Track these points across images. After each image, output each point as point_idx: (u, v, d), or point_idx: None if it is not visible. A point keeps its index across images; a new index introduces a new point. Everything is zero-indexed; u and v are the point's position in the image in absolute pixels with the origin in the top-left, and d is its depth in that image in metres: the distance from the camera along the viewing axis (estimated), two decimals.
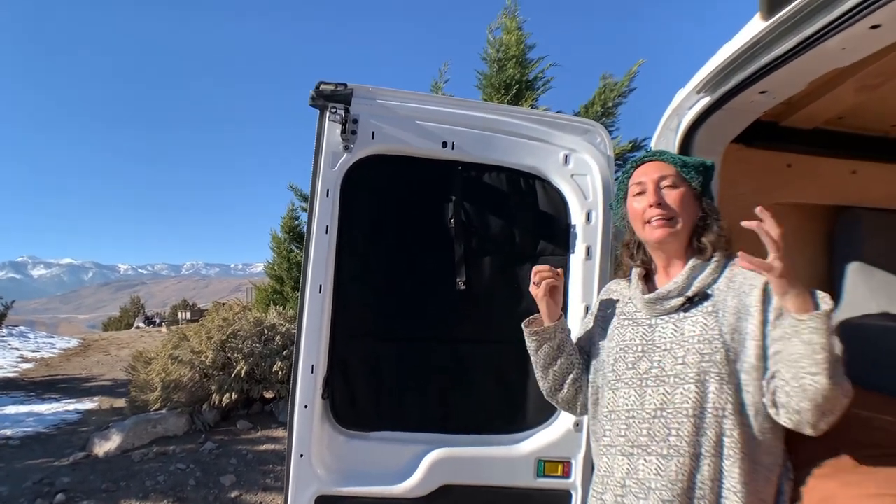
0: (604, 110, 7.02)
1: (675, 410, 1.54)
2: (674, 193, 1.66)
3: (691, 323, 1.58)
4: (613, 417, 1.68)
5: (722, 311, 1.56)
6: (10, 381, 11.09)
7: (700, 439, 1.51)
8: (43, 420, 7.73)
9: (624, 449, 1.63)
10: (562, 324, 1.85)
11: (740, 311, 1.54)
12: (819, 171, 2.66)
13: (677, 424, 1.54)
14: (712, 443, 1.50)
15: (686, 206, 1.66)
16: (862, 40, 1.53)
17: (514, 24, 7.13)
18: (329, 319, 2.23)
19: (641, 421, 1.60)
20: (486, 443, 2.32)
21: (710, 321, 1.55)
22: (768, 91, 1.89)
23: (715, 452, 1.50)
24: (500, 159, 2.35)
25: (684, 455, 1.51)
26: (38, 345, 16.83)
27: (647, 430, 1.59)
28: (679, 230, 1.65)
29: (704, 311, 1.58)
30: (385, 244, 2.34)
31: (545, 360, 1.84)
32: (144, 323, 34.90)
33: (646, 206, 1.67)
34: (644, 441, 1.59)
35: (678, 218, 1.65)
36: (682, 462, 1.51)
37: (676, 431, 1.53)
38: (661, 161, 1.72)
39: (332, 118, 2.17)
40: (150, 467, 5.69)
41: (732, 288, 1.58)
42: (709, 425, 1.51)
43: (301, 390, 2.17)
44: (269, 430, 6.99)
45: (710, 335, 1.53)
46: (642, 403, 1.61)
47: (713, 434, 1.50)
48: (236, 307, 8.26)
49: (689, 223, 1.67)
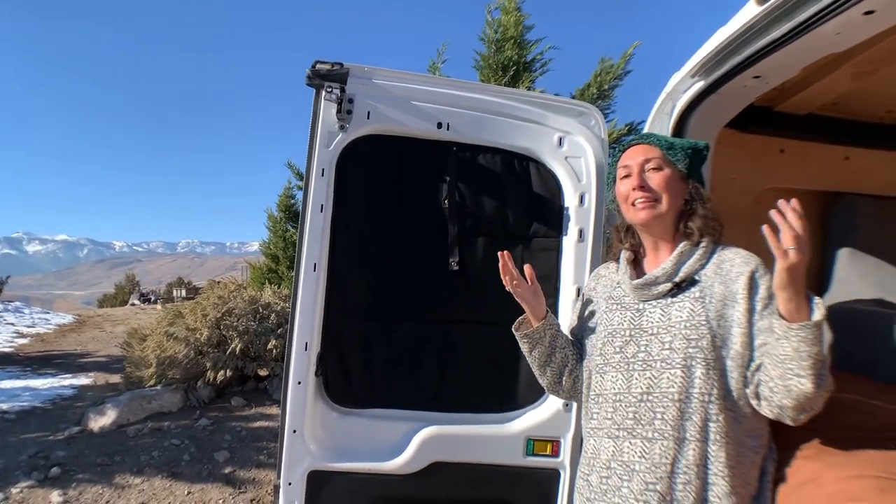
0: (600, 93, 7.01)
1: (661, 395, 1.56)
2: (657, 176, 1.67)
3: (678, 308, 1.60)
4: (601, 401, 1.71)
5: (709, 297, 1.57)
6: (6, 356, 11.10)
7: (685, 423, 1.53)
8: (38, 395, 7.76)
9: (610, 431, 1.66)
10: (549, 320, 1.86)
11: (727, 297, 1.55)
12: (812, 157, 2.67)
13: (662, 408, 1.56)
14: (697, 427, 1.52)
15: (671, 188, 1.67)
16: (856, 26, 1.53)
17: (513, 5, 7.08)
18: (323, 298, 2.25)
19: (628, 405, 1.62)
20: (477, 421, 2.35)
21: (696, 307, 1.57)
22: (762, 76, 1.89)
23: (700, 437, 1.52)
24: (495, 141, 2.36)
25: (668, 439, 1.54)
26: (34, 320, 16.82)
27: (633, 413, 1.61)
28: (663, 212, 1.66)
29: (692, 297, 1.59)
30: (379, 224, 2.35)
31: (540, 359, 1.87)
32: (139, 300, 34.90)
33: (629, 188, 1.69)
34: (630, 424, 1.61)
35: (661, 200, 1.65)
36: (665, 445, 1.54)
37: (662, 415, 1.56)
38: (647, 144, 1.72)
39: (328, 97, 2.17)
40: (144, 442, 5.73)
41: (720, 274, 1.59)
42: (694, 410, 1.53)
43: (295, 367, 2.20)
44: (263, 408, 7.04)
45: (697, 321, 1.55)
46: (629, 387, 1.63)
47: (698, 419, 1.52)
48: (231, 285, 8.27)
49: (674, 205, 1.68)
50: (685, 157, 1.69)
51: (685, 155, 1.69)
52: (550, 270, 2.38)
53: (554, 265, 2.38)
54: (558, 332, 1.88)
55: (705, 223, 1.67)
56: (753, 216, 2.62)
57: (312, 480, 2.26)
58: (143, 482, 4.93)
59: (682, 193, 1.69)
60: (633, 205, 1.68)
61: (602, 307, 1.80)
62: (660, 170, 1.68)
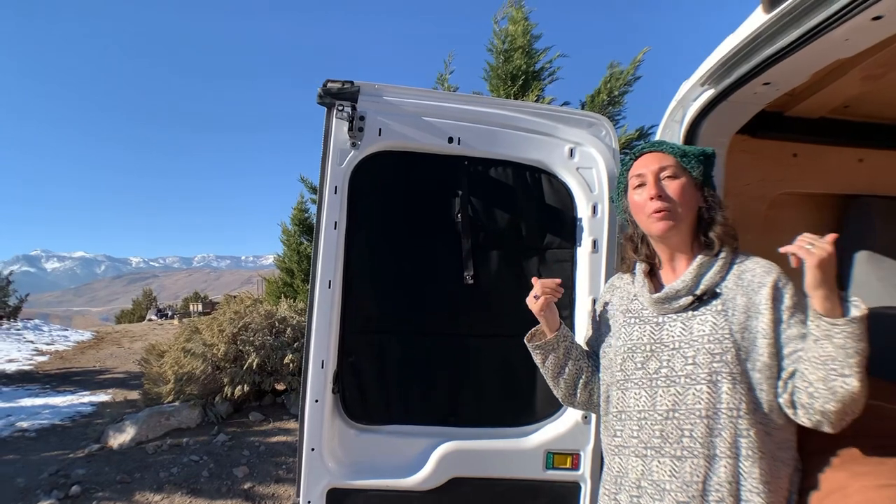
0: (610, 99, 7.00)
1: (688, 411, 1.53)
2: (674, 184, 1.64)
3: (700, 322, 1.57)
4: (624, 418, 1.67)
5: (731, 309, 1.54)
6: (26, 374, 11.22)
7: (714, 440, 1.50)
8: (58, 412, 7.83)
9: (637, 450, 1.62)
10: (563, 332, 1.84)
11: (750, 309, 1.53)
12: (826, 160, 2.65)
13: (690, 426, 1.53)
14: (728, 443, 1.49)
15: (687, 197, 1.64)
16: (864, 32, 1.52)
17: (521, 15, 7.11)
18: (338, 315, 2.26)
19: (654, 423, 1.59)
20: (496, 436, 2.34)
21: (719, 320, 1.54)
22: (772, 82, 1.89)
23: (731, 453, 1.48)
24: (506, 154, 2.36)
25: (698, 456, 1.51)
26: (53, 337, 16.99)
27: (659, 431, 1.58)
28: (680, 222, 1.63)
29: (714, 310, 1.56)
30: (393, 239, 2.36)
31: (553, 370, 1.85)
32: (156, 315, 35.13)
33: (646, 198, 1.65)
34: (657, 443, 1.58)
35: (679, 210, 1.62)
36: (696, 463, 1.51)
37: (689, 433, 1.53)
38: (661, 152, 1.69)
39: (340, 116, 2.19)
40: (163, 459, 5.77)
41: (741, 285, 1.56)
42: (723, 426, 1.50)
43: (312, 385, 2.21)
44: (280, 422, 7.05)
45: (721, 334, 1.52)
46: (654, 404, 1.60)
47: (728, 435, 1.49)
48: (247, 300, 8.32)
49: (691, 215, 1.65)
50: (699, 163, 1.66)
51: (698, 162, 1.66)
52: (565, 281, 2.36)
53: (569, 276, 2.37)
54: (572, 344, 1.86)
55: (724, 231, 1.64)
56: (768, 222, 2.61)
57: (332, 498, 2.26)
58: (162, 499, 4.97)
59: (697, 202, 1.67)
60: (650, 215, 1.64)
61: (620, 321, 1.77)
62: (676, 178, 1.64)
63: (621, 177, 1.79)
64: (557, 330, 1.83)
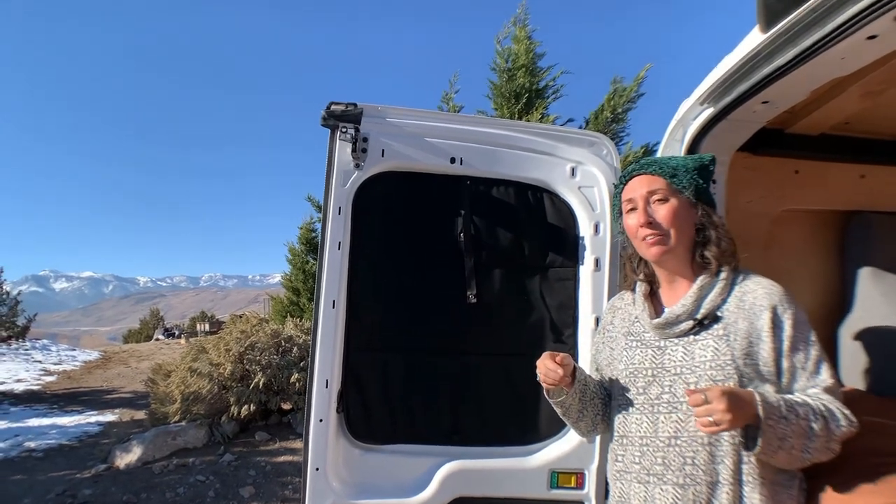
0: (613, 116, 7.03)
1: (690, 439, 1.52)
2: (664, 209, 1.61)
3: (702, 347, 1.55)
4: (626, 443, 1.66)
5: (733, 334, 1.53)
6: (34, 394, 11.26)
7: (717, 467, 1.49)
8: (65, 432, 7.85)
9: (640, 476, 1.61)
10: (577, 377, 1.75)
11: (752, 334, 1.51)
12: (827, 177, 2.65)
13: (692, 453, 1.52)
14: (730, 470, 1.48)
15: (679, 220, 1.61)
16: (860, 50, 1.53)
17: (524, 34, 7.17)
18: (343, 334, 2.27)
19: (656, 449, 1.58)
20: (500, 454, 2.34)
21: (721, 345, 1.52)
22: (770, 101, 1.90)
23: (733, 479, 1.48)
24: (508, 173, 2.38)
25: (700, 483, 1.50)
26: (61, 357, 17.06)
27: (661, 458, 1.56)
28: (673, 246, 1.60)
29: (715, 335, 1.55)
30: (396, 259, 2.37)
31: (575, 416, 1.80)
32: (164, 335, 35.18)
33: (636, 224, 1.63)
34: (659, 470, 1.56)
35: (671, 234, 1.60)
36: (699, 490, 1.50)
37: (692, 460, 1.52)
38: (650, 174, 1.66)
39: (343, 137, 2.21)
40: (170, 479, 5.76)
41: (742, 309, 1.54)
42: (725, 453, 1.49)
43: (316, 404, 2.21)
44: (287, 442, 7.04)
45: (722, 360, 1.51)
46: (656, 431, 1.59)
47: (730, 462, 1.48)
48: (254, 319, 8.34)
49: (685, 237, 1.62)
50: (691, 182, 1.62)
51: (691, 180, 1.62)
52: (568, 300, 2.38)
53: (571, 295, 2.38)
54: (587, 385, 1.79)
55: (720, 251, 1.61)
56: (770, 239, 2.61)
57: None
58: None
59: (691, 222, 1.64)
60: (642, 240, 1.63)
61: (622, 344, 1.74)
62: (665, 201, 1.61)
63: (616, 199, 1.78)
64: (573, 377, 1.74)
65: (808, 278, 2.72)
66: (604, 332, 1.88)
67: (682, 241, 1.62)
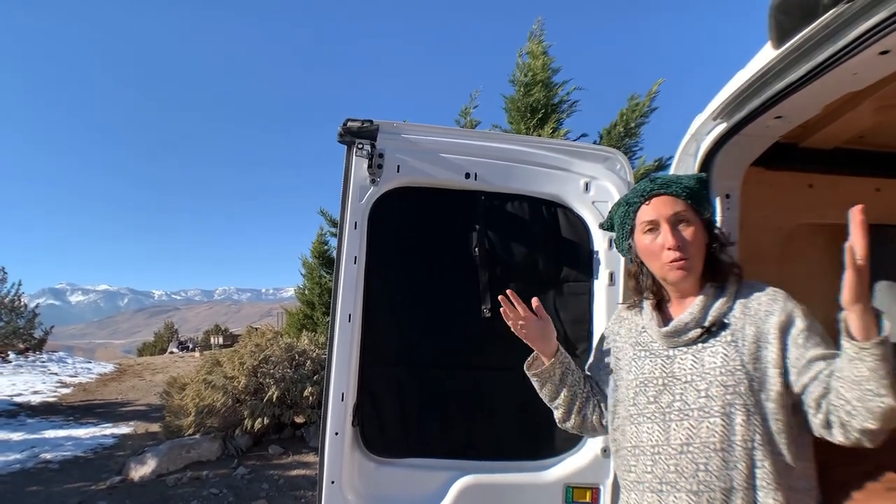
0: (626, 131, 7.04)
1: (702, 445, 1.51)
2: (689, 232, 1.61)
3: (711, 354, 1.55)
4: (638, 453, 1.65)
5: (741, 339, 1.53)
6: (50, 406, 11.35)
7: (730, 473, 1.48)
8: (81, 444, 7.90)
9: (652, 485, 1.60)
10: (559, 358, 1.83)
11: (759, 339, 1.52)
12: (842, 191, 2.65)
13: (705, 459, 1.51)
14: (744, 475, 1.47)
15: (700, 242, 1.63)
16: (873, 66, 1.54)
17: (540, 49, 7.23)
18: (358, 348, 2.28)
19: (668, 457, 1.57)
20: (515, 469, 2.34)
21: (730, 351, 1.53)
22: (783, 116, 1.91)
23: (747, 485, 1.47)
24: (522, 188, 2.40)
25: (714, 490, 1.49)
26: (76, 370, 17.18)
27: (674, 466, 1.56)
28: (695, 268, 1.62)
29: (723, 342, 1.55)
30: (412, 274, 2.39)
31: (550, 395, 1.86)
32: (178, 348, 35.31)
33: (662, 245, 1.62)
34: (672, 478, 1.55)
35: (696, 258, 1.61)
36: (713, 496, 1.49)
37: (705, 466, 1.51)
38: (673, 196, 1.65)
39: (359, 153, 2.24)
40: (184, 492, 5.78)
41: (748, 314, 1.56)
42: (738, 458, 1.48)
43: (332, 418, 2.22)
44: (300, 455, 7.05)
45: (732, 366, 1.51)
46: (668, 439, 1.58)
47: (744, 467, 1.48)
48: (268, 333, 8.38)
49: (703, 258, 1.64)
50: (708, 202, 1.66)
51: (707, 202, 1.66)
52: (583, 315, 2.39)
53: (586, 309, 2.39)
54: (570, 369, 1.85)
55: (728, 268, 1.64)
56: (784, 253, 2.61)
57: None
58: None
59: (706, 243, 1.65)
60: (666, 264, 1.62)
61: (629, 354, 1.75)
62: (690, 224, 1.62)
63: (626, 217, 1.74)
64: (554, 356, 1.83)
65: (823, 293, 2.69)
66: (609, 340, 1.89)
67: (700, 263, 1.64)
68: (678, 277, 1.62)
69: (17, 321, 16.65)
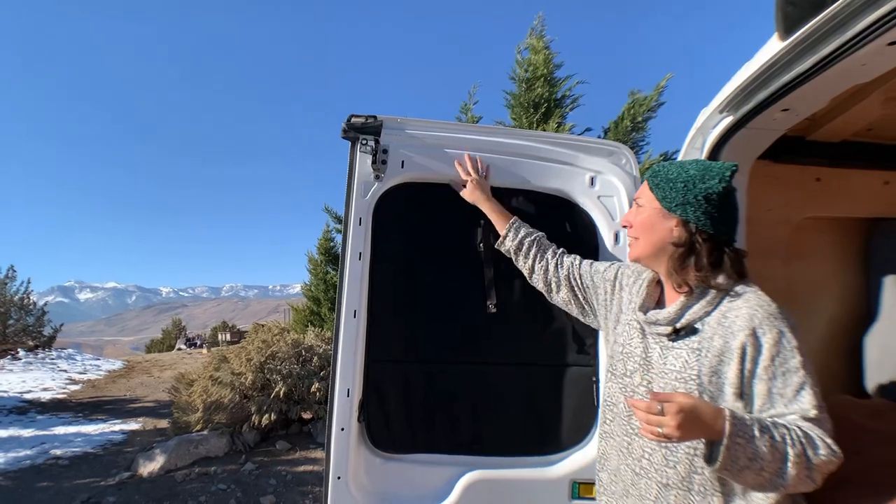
0: (633, 125, 7.01)
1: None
2: (637, 214, 1.71)
3: (675, 356, 1.57)
4: (615, 410, 1.73)
5: (706, 350, 1.52)
6: (60, 403, 11.41)
7: (668, 471, 1.52)
8: (90, 440, 7.94)
9: (619, 441, 1.69)
10: (513, 226, 2.19)
11: (724, 354, 1.49)
12: (850, 184, 2.63)
13: (650, 449, 1.57)
14: (681, 476, 1.50)
15: (647, 228, 1.66)
16: (880, 57, 1.52)
17: (542, 44, 7.19)
18: (364, 344, 2.28)
19: (625, 433, 1.67)
20: (521, 464, 2.34)
21: (691, 359, 1.53)
22: (790, 108, 1.89)
23: (683, 486, 1.50)
24: (527, 183, 2.39)
25: (652, 480, 1.55)
26: (85, 367, 17.26)
27: (627, 443, 1.65)
28: (640, 252, 1.69)
29: (689, 347, 1.55)
30: (417, 269, 2.39)
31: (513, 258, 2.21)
32: (186, 345, 35.45)
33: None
34: (625, 450, 1.66)
35: (639, 239, 1.69)
36: (648, 485, 1.56)
37: (649, 456, 1.58)
38: (645, 181, 1.72)
39: (364, 149, 2.24)
40: (192, 487, 5.80)
41: (723, 325, 1.52)
42: (679, 460, 1.51)
43: (337, 414, 2.22)
44: (307, 451, 7.06)
45: (689, 374, 1.51)
46: (629, 416, 1.65)
47: (682, 469, 1.50)
48: (275, 329, 8.40)
49: (649, 245, 1.66)
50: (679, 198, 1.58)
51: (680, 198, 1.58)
52: None
53: None
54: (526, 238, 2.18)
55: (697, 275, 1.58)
56: (792, 247, 2.59)
57: None
58: None
59: (664, 235, 1.62)
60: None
61: (627, 317, 1.80)
62: (642, 209, 1.70)
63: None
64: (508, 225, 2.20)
65: (830, 286, 2.69)
66: (622, 286, 1.93)
67: (646, 249, 1.68)
68: (629, 254, 1.74)
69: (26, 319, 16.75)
